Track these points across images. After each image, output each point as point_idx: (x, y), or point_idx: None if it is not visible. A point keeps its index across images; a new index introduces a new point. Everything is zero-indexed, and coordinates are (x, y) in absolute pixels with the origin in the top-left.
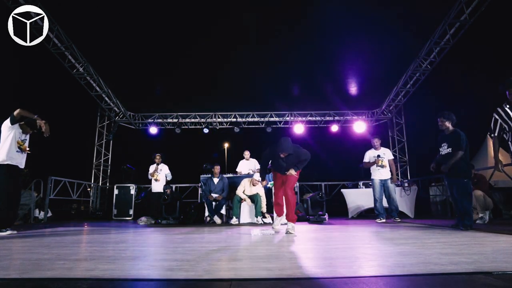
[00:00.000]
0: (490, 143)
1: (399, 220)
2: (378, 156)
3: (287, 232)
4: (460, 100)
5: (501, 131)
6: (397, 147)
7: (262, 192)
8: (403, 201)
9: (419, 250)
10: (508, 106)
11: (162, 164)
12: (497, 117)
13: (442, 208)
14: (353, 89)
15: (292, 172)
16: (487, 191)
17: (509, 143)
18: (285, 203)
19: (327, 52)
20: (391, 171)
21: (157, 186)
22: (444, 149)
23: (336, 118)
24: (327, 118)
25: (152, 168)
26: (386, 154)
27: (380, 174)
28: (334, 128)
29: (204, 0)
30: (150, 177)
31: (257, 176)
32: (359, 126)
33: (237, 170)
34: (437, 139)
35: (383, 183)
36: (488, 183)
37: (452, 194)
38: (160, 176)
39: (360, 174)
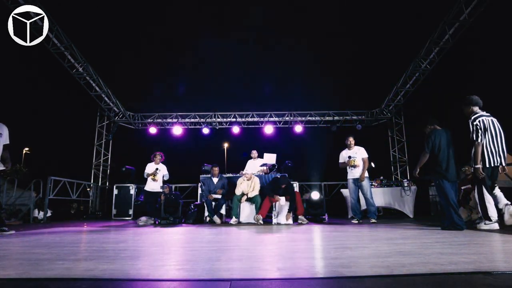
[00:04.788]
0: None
1: (375, 221)
2: (349, 157)
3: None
4: (459, 100)
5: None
6: (397, 147)
7: (258, 184)
8: (403, 201)
9: (418, 250)
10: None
11: (160, 164)
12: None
13: (442, 208)
14: (352, 89)
15: None
16: None
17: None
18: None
19: (327, 51)
20: (363, 169)
21: (155, 186)
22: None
23: (336, 118)
24: (327, 118)
25: (151, 168)
26: (359, 153)
27: (353, 174)
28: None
29: (205, 1)
30: (146, 176)
31: (245, 171)
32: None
33: (246, 169)
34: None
35: (356, 183)
36: None
37: (450, 198)
38: (158, 176)
39: None
